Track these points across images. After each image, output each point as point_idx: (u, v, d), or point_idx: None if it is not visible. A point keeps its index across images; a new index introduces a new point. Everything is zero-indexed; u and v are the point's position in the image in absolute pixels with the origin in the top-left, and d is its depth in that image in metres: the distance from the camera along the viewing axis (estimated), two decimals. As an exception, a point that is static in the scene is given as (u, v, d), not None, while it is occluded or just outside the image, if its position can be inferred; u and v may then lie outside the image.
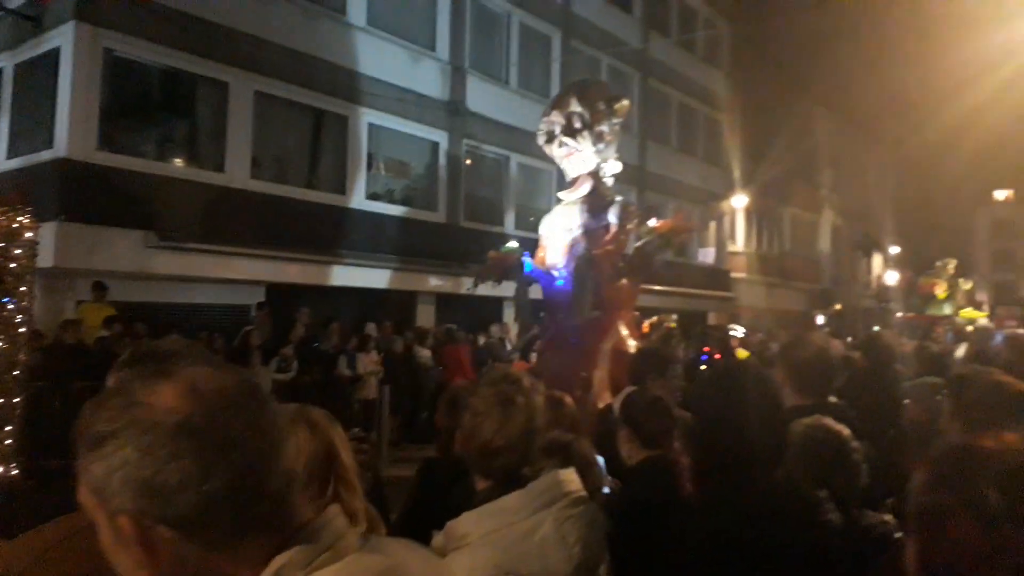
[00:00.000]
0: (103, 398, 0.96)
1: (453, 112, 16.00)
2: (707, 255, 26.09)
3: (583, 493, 2.03)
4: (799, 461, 2.17)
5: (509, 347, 13.73)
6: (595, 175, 7.57)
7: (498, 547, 1.82)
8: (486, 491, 1.98)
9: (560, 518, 1.89)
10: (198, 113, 12.41)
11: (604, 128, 7.52)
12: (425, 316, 15.58)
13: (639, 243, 7.48)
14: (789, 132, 28.75)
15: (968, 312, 23.57)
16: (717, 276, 26.07)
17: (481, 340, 14.26)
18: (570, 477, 2.02)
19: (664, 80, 23.48)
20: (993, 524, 1.03)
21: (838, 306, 31.27)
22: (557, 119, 7.61)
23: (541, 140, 7.96)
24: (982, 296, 52.60)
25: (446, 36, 16.02)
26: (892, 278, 35.61)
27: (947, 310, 24.43)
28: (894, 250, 40.28)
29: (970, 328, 15.49)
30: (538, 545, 1.84)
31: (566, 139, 7.50)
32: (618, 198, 7.66)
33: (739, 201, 27.43)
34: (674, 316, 19.47)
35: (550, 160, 8.54)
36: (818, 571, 1.87)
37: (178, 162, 11.94)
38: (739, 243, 28.63)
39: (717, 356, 5.28)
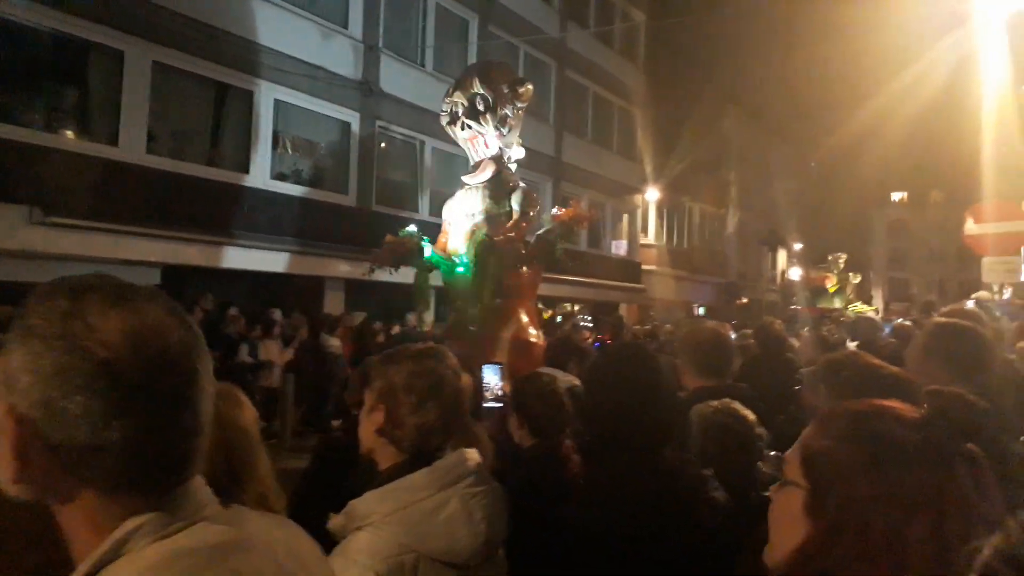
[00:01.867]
0: (55, 291, 0.92)
1: (366, 92, 15.62)
2: (619, 247, 26.49)
3: (485, 471, 2.02)
4: (702, 442, 2.13)
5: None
6: (498, 160, 7.43)
7: (402, 525, 1.79)
8: (390, 470, 1.92)
9: (466, 495, 1.88)
10: (90, 82, 11.67)
11: (507, 112, 7.39)
12: (334, 302, 15.20)
13: (540, 231, 7.41)
14: (699, 128, 29.50)
15: (857, 307, 24.42)
16: (629, 268, 26.52)
17: (395, 329, 14.00)
18: (473, 455, 2.00)
19: (581, 71, 23.63)
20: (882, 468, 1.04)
21: (745, 300, 32.33)
22: (460, 99, 7.41)
23: (444, 121, 7.76)
24: (878, 292, 55.48)
25: (359, 13, 15.61)
26: (796, 274, 37.09)
27: (837, 303, 25.37)
28: (798, 246, 41.94)
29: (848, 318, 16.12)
30: (444, 523, 1.83)
31: (469, 121, 7.33)
32: (521, 184, 7.56)
33: (651, 195, 27.97)
34: (574, 305, 19.67)
35: (466, 144, 8.38)
36: (700, 548, 1.82)
37: (68, 134, 11.20)
38: (650, 236, 29.19)
39: (608, 341, 5.33)
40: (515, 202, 7.19)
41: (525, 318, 7.15)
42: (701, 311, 27.45)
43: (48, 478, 0.88)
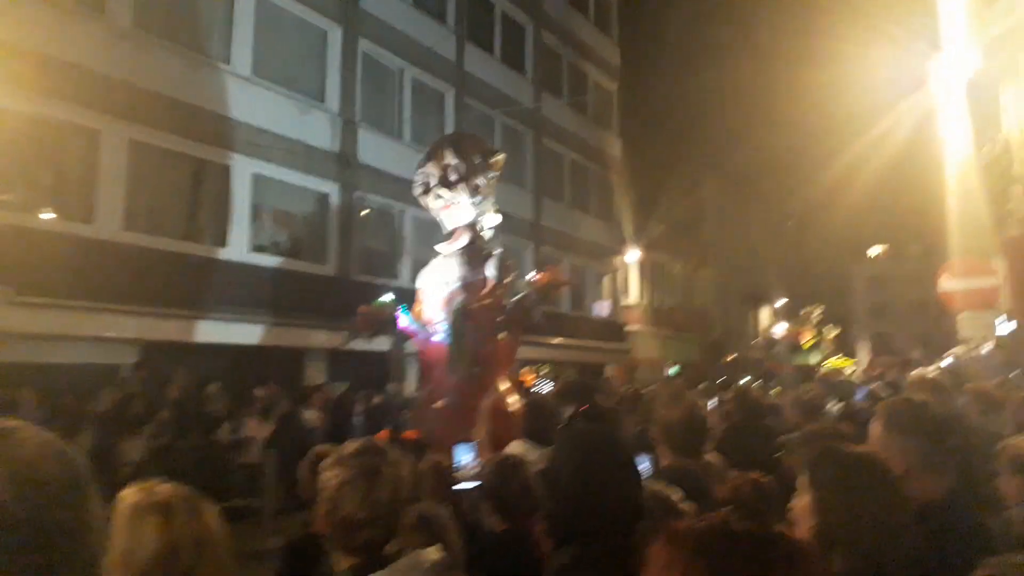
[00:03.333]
0: None
1: (344, 164, 15.79)
2: (602, 308, 26.57)
3: (443, 563, 1.96)
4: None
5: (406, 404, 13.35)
6: (472, 227, 7.52)
7: None
8: (347, 573, 1.88)
9: None
10: (66, 161, 11.71)
11: (480, 181, 7.51)
12: (315, 373, 15.05)
13: (516, 297, 7.43)
14: (676, 189, 30.02)
15: (836, 361, 23.69)
16: (612, 328, 26.56)
17: (376, 399, 13.82)
18: (431, 554, 1.95)
19: (557, 138, 24.09)
20: None
21: (732, 356, 32.31)
22: (432, 171, 7.54)
23: (417, 192, 7.87)
24: (863, 346, 55.64)
25: (336, 88, 15.89)
26: (780, 329, 37.20)
27: (812, 359, 24.52)
28: (781, 302, 42.23)
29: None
30: None
31: (441, 191, 7.43)
32: (496, 250, 7.61)
33: (631, 256, 28.23)
34: (545, 367, 19.46)
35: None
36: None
37: (43, 213, 11.17)
38: (632, 296, 29.35)
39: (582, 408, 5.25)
40: (490, 269, 7.22)
41: (505, 385, 7.08)
42: (673, 371, 27.01)
43: None
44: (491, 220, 7.79)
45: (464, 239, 7.41)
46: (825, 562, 1.78)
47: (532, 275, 7.70)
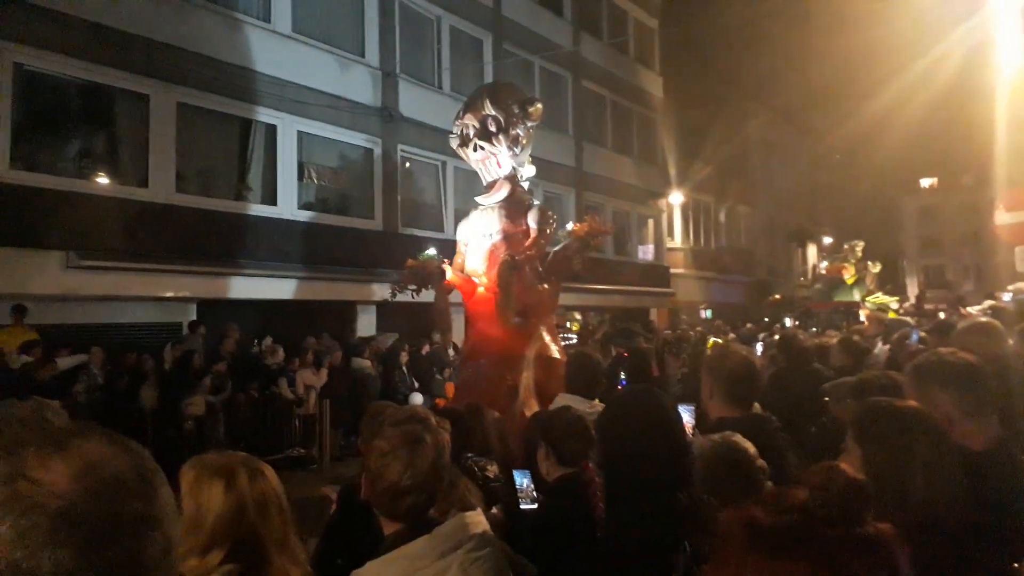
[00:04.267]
0: None
1: (386, 118, 15.83)
2: (646, 252, 26.43)
3: (489, 533, 2.03)
4: (703, 478, 2.18)
5: (453, 355, 13.62)
6: (512, 179, 7.45)
7: None
8: (392, 537, 1.95)
9: (466, 561, 1.89)
10: (118, 127, 11.98)
11: (519, 131, 7.41)
12: (366, 325, 15.39)
13: (557, 247, 7.44)
14: (721, 128, 29.36)
15: (877, 299, 22.23)
16: (656, 272, 26.43)
17: (425, 349, 14.14)
18: (476, 519, 2.02)
19: (597, 81, 23.68)
20: None
21: (777, 296, 31.86)
22: (471, 122, 7.45)
23: (455, 143, 7.83)
24: (912, 280, 54.46)
25: (375, 42, 15.84)
26: (824, 266, 36.52)
27: (856, 295, 23.48)
28: (828, 240, 41.40)
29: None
30: None
31: (482, 143, 7.35)
32: (535, 202, 7.59)
33: (675, 198, 27.87)
34: (577, 315, 19.45)
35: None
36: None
37: (99, 178, 11.50)
38: (677, 239, 29.08)
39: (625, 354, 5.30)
40: (531, 220, 7.23)
41: (547, 335, 7.19)
42: (707, 314, 26.50)
43: None
44: (528, 171, 7.77)
45: (504, 190, 7.37)
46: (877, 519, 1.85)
47: (571, 224, 7.70)
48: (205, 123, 12.97)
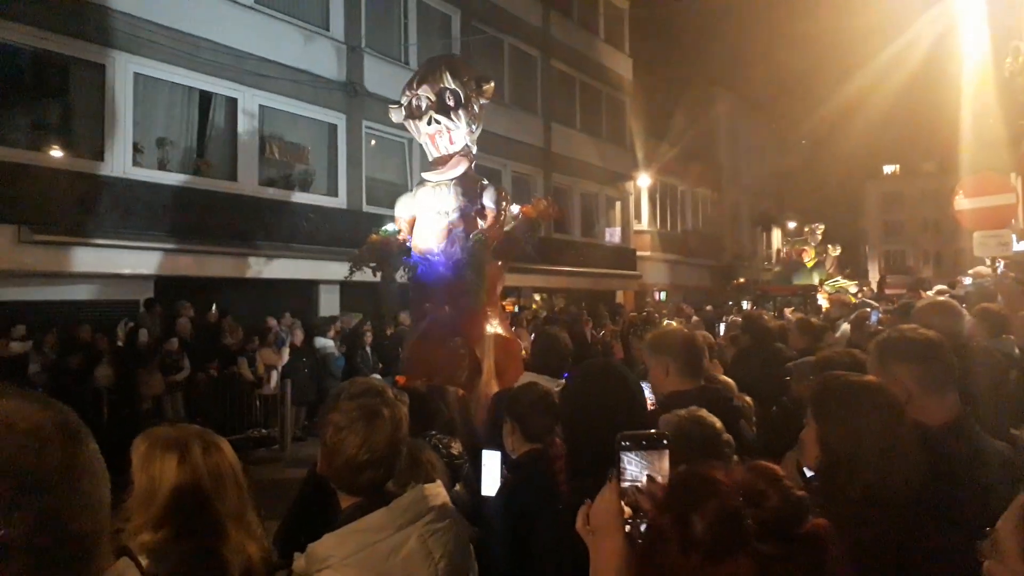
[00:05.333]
0: None
1: (351, 93, 15.58)
2: (613, 235, 26.49)
3: (448, 505, 2.02)
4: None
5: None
6: (468, 156, 7.24)
7: (362, 567, 1.79)
8: (349, 510, 1.93)
9: (425, 533, 1.88)
10: (73, 98, 11.61)
11: (476, 107, 7.21)
12: (328, 304, 15.20)
13: (507, 228, 7.29)
14: (689, 112, 29.48)
15: (836, 283, 22.13)
16: (623, 255, 26.53)
17: (389, 330, 14.00)
18: (435, 491, 2.01)
19: (567, 61, 23.57)
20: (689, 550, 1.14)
21: (741, 280, 32.19)
22: (425, 94, 7.13)
23: (398, 116, 7.46)
24: (873, 265, 55.45)
25: (340, 15, 15.54)
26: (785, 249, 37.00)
27: (815, 278, 23.48)
28: (792, 224, 41.92)
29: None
30: (403, 562, 1.83)
31: (438, 116, 7.13)
32: (484, 181, 7.42)
33: (643, 181, 27.94)
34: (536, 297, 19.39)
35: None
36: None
37: (52, 151, 11.15)
38: (644, 222, 29.19)
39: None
40: (488, 200, 7.09)
41: (495, 316, 7.11)
42: (661, 296, 26.63)
43: None
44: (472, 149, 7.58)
45: (461, 167, 7.14)
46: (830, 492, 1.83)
47: (517, 207, 7.52)
48: (163, 95, 12.62)
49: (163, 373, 10.73)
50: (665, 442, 1.42)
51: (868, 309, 7.26)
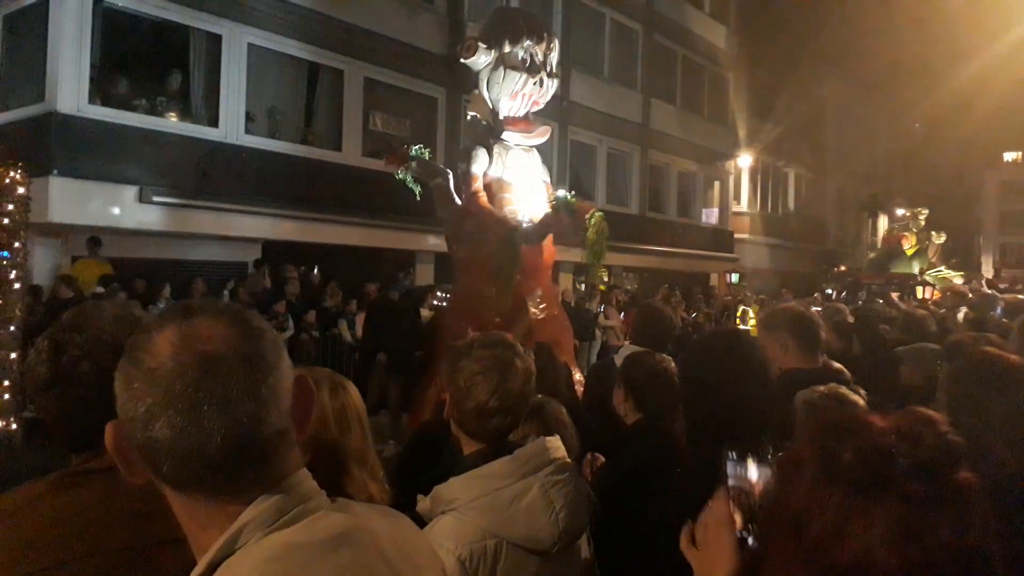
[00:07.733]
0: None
1: (451, 67, 15.67)
2: (710, 215, 25.88)
3: (567, 460, 2.06)
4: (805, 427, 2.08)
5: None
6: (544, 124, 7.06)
7: (485, 512, 1.85)
8: (474, 456, 1.99)
9: (546, 484, 1.93)
10: (192, 66, 12.15)
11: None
12: (424, 275, 15.47)
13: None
14: (795, 91, 28.30)
15: (939, 273, 20.40)
16: (720, 237, 25.89)
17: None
18: (555, 444, 2.05)
19: (669, 36, 23.00)
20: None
21: (843, 267, 30.96)
22: (536, 51, 6.74)
23: (486, 57, 6.88)
24: (987, 258, 52.38)
25: (444, -12, 15.66)
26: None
27: (915, 267, 21.50)
28: (900, 212, 39.92)
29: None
30: (524, 510, 1.88)
31: (551, 80, 6.83)
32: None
33: (744, 161, 27.11)
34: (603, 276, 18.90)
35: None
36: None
37: (172, 116, 11.71)
38: (743, 204, 28.38)
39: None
40: (546, 176, 7.00)
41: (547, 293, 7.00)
42: (734, 278, 25.79)
43: (150, 476, 0.95)
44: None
45: (547, 135, 6.99)
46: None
47: (564, 193, 6.98)
48: (274, 66, 13.05)
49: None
50: (770, 458, 1.34)
51: (994, 298, 6.84)
